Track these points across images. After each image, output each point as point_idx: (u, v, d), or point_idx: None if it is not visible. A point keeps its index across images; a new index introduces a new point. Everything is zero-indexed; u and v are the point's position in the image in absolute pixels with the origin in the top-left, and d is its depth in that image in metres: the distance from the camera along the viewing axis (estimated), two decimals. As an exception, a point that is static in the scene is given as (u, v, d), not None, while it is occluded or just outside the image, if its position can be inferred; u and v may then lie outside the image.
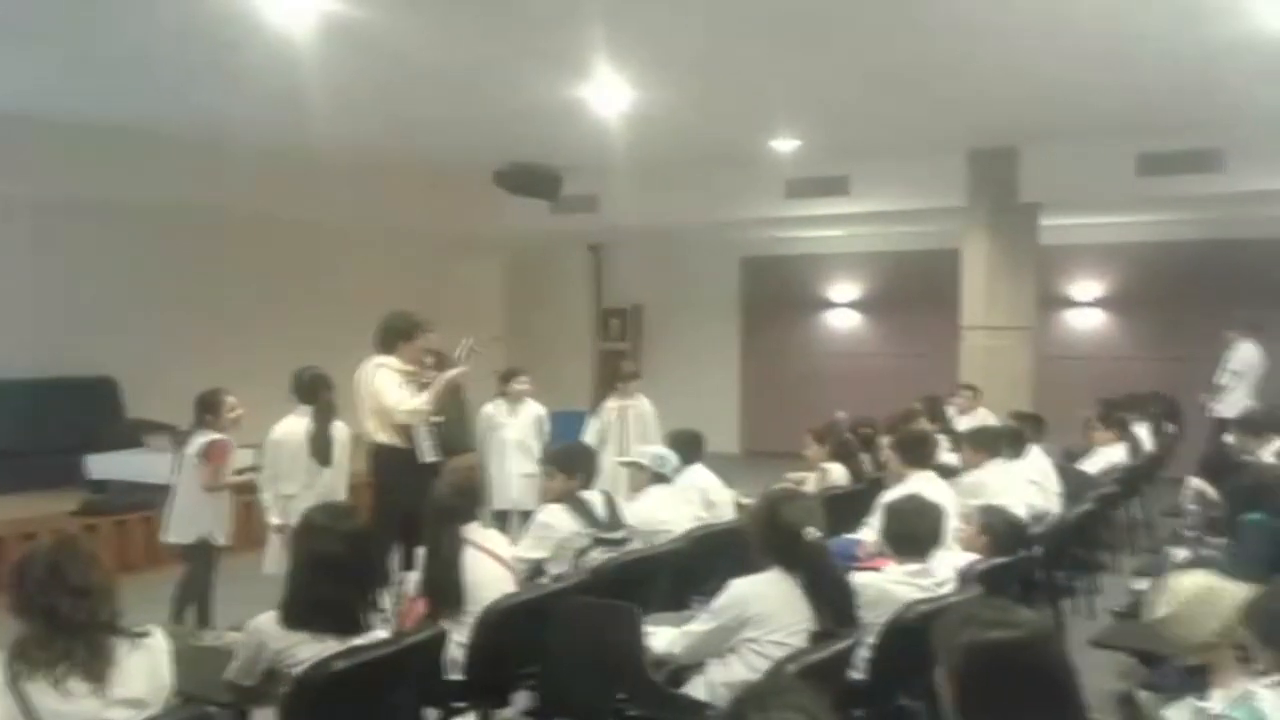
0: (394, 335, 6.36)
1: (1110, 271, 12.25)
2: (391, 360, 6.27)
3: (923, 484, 5.38)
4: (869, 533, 5.12)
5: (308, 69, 6.58)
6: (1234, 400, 9.71)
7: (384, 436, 6.13)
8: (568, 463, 5.17)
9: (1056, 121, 8.78)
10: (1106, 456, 7.95)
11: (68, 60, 6.82)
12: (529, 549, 4.75)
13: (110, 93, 7.76)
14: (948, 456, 6.86)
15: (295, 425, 5.94)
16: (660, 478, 5.58)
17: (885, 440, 6.65)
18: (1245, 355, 10.06)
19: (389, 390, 6.06)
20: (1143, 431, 8.70)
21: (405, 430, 6.10)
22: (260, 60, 6.49)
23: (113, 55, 6.71)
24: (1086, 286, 12.35)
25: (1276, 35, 5.89)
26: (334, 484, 5.92)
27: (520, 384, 8.07)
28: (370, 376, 6.15)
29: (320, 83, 6.99)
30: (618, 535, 4.89)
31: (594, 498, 5.09)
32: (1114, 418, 8.33)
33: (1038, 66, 6.90)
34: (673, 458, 5.69)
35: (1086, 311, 12.31)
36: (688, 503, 5.60)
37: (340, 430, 6.03)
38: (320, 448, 5.87)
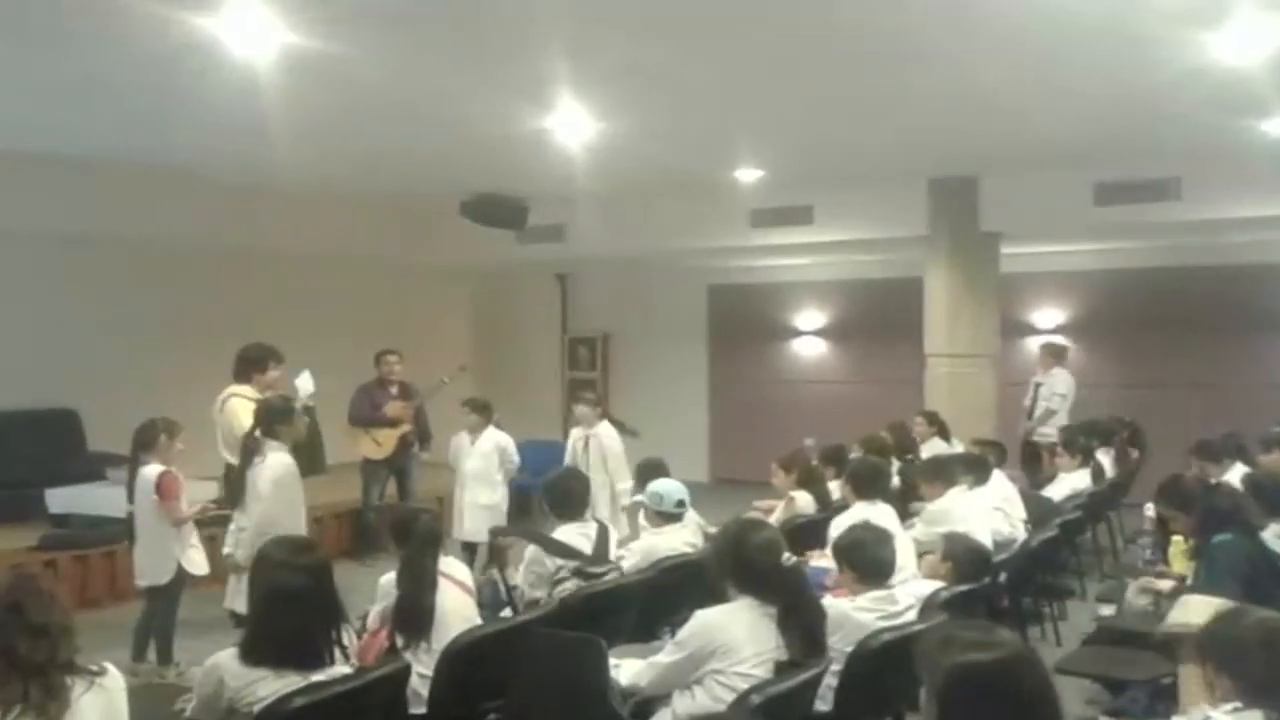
0: (248, 365, 6.81)
1: (1071, 299, 12.40)
2: (245, 389, 6.70)
3: (869, 510, 5.44)
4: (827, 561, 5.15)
5: (272, 100, 6.56)
6: (1054, 426, 9.95)
7: (231, 458, 6.41)
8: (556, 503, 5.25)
9: (1015, 152, 8.90)
10: (1070, 483, 8.02)
11: (28, 92, 6.77)
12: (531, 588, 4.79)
13: (72, 125, 7.69)
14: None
15: (285, 461, 5.89)
16: (668, 515, 5.44)
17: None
18: (1066, 381, 10.29)
19: (239, 418, 6.37)
20: (1106, 458, 8.79)
21: None
22: (224, 92, 6.47)
23: (74, 87, 6.66)
24: (1048, 314, 12.49)
25: (1228, 68, 6.01)
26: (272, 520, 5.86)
27: (466, 414, 8.08)
28: (221, 405, 6.64)
29: (284, 114, 6.98)
30: (601, 569, 4.89)
31: (586, 531, 5.11)
32: (1077, 444, 8.41)
33: (996, 98, 7.01)
34: (672, 494, 5.50)
35: (1048, 339, 12.43)
36: (693, 534, 5.55)
37: (271, 466, 5.92)
38: (234, 488, 5.83)
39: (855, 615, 3.93)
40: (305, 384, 6.92)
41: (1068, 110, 7.36)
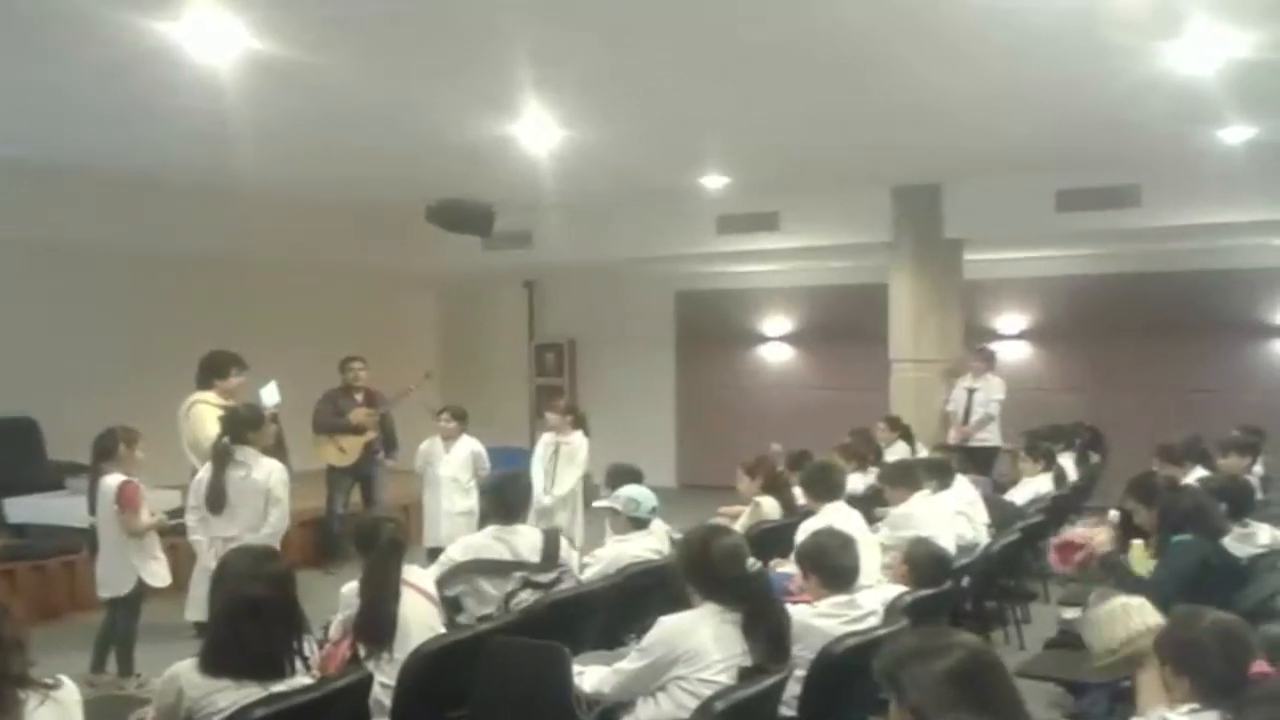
0: (209, 372, 6.94)
1: (1034, 305, 12.53)
2: (209, 395, 6.82)
3: (834, 515, 5.46)
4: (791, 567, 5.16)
5: (235, 106, 6.54)
6: (994, 430, 10.10)
7: (199, 464, 6.38)
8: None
9: (978, 159, 9.00)
10: (1033, 487, 8.09)
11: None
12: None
13: (31, 131, 7.62)
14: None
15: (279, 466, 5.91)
16: (638, 521, 5.41)
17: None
18: (1001, 386, 10.32)
19: (204, 425, 6.53)
20: (1068, 462, 8.87)
21: None
22: (186, 97, 6.43)
23: (35, 93, 6.60)
24: (1011, 320, 12.61)
25: (1184, 77, 6.11)
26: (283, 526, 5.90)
27: (443, 421, 8.06)
28: (186, 411, 6.76)
29: (248, 120, 6.95)
30: (548, 577, 4.86)
31: (529, 535, 5.06)
32: (1039, 448, 8.49)
33: (959, 106, 7.08)
34: (647, 501, 5.48)
35: (1011, 344, 12.55)
36: (659, 540, 5.53)
37: (278, 471, 5.94)
38: (213, 494, 5.80)
39: (816, 623, 3.94)
40: (270, 394, 6.94)
41: (1029, 118, 7.45)
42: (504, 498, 5.24)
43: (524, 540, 5.06)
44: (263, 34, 5.31)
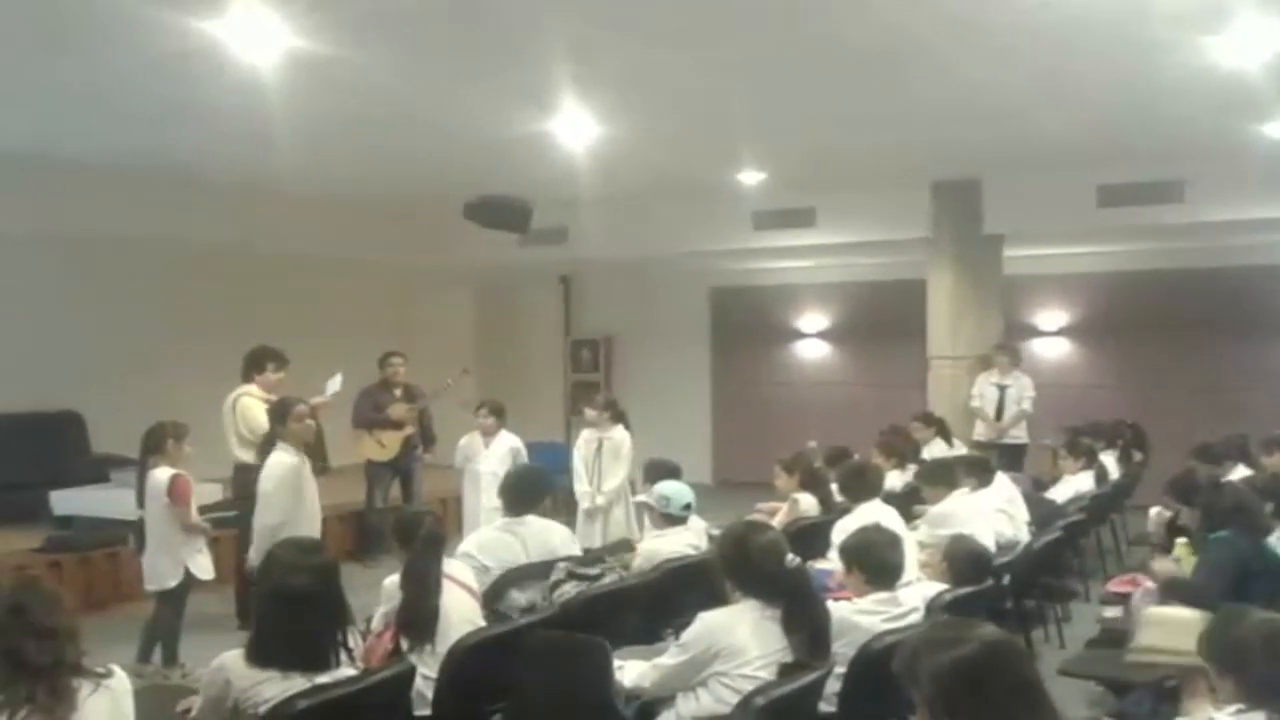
0: (250, 366, 7.07)
1: (1074, 301, 12.39)
2: (253, 389, 6.95)
3: (873, 512, 5.44)
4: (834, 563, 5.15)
5: (275, 104, 6.59)
6: (1023, 427, 10.01)
7: (247, 457, 6.57)
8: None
9: (1018, 154, 8.91)
10: (1073, 485, 8.02)
11: (31, 96, 6.79)
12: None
13: (75, 129, 7.72)
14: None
15: (285, 461, 5.89)
16: (672, 518, 5.41)
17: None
18: (1030, 382, 10.15)
19: (251, 417, 6.71)
20: (1109, 460, 8.79)
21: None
22: (228, 95, 6.49)
23: (78, 91, 6.69)
24: (1051, 316, 12.49)
25: (1228, 71, 6.02)
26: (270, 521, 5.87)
27: (481, 416, 8.09)
28: (232, 404, 6.89)
29: (288, 117, 7.00)
30: (594, 570, 4.88)
31: (538, 526, 5.09)
32: (1080, 446, 8.41)
33: (999, 101, 7.02)
34: (680, 496, 5.48)
35: (1051, 341, 12.44)
36: (696, 536, 5.53)
37: (269, 466, 5.94)
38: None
39: (857, 619, 3.93)
40: (334, 385, 7.18)
41: (1070, 113, 7.38)
42: (514, 491, 5.27)
43: (533, 532, 5.09)
44: (303, 32, 5.35)
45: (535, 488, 5.42)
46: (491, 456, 7.96)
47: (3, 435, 9.10)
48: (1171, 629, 3.35)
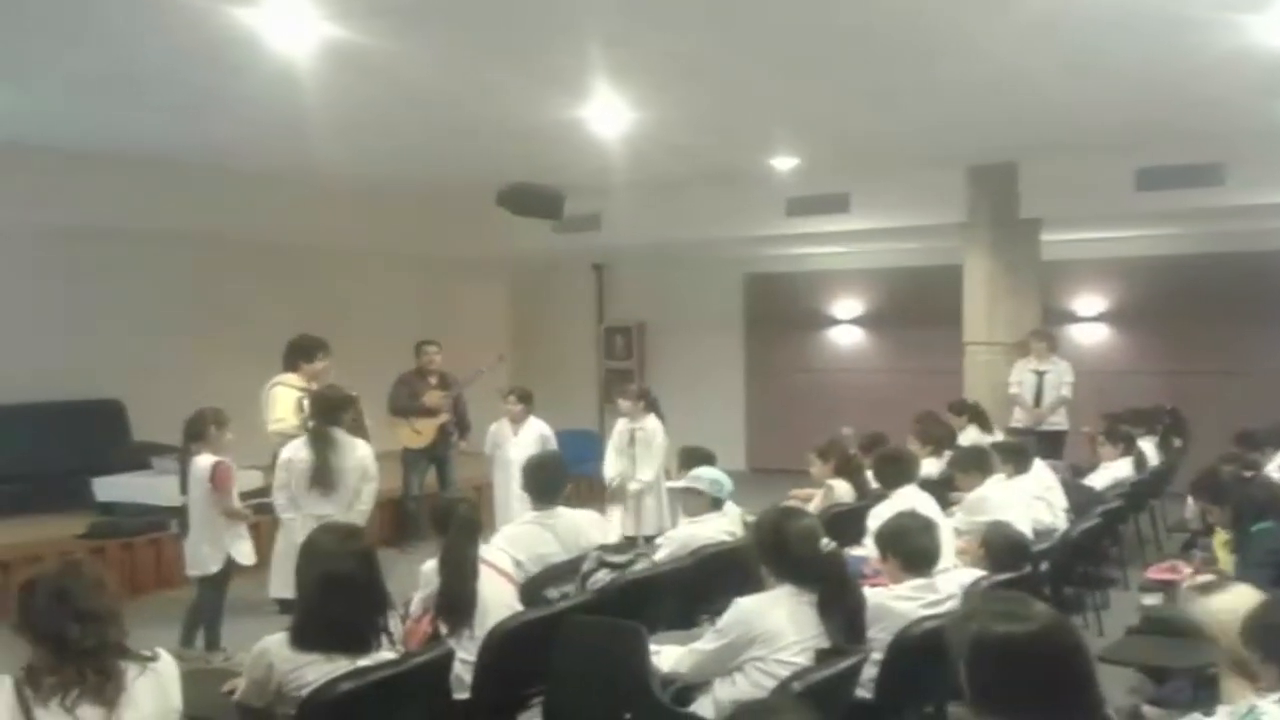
0: (295, 355, 7.08)
1: (1113, 286, 12.26)
2: (291, 378, 6.97)
3: (908, 499, 5.42)
4: (869, 550, 5.14)
5: (309, 94, 6.63)
6: (1063, 413, 9.86)
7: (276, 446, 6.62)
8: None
9: (1055, 137, 8.81)
10: (1112, 471, 7.95)
11: (67, 87, 6.85)
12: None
13: (110, 120, 7.79)
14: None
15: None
16: (719, 502, 5.46)
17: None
18: (1069, 368, 10.00)
19: (275, 406, 6.82)
20: (1148, 446, 8.70)
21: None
22: (262, 86, 6.54)
23: (112, 82, 6.75)
24: (1089, 301, 12.37)
25: (1270, 50, 5.92)
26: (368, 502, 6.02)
27: (510, 403, 8.14)
28: (268, 392, 6.94)
29: (322, 107, 7.04)
30: (624, 558, 4.90)
31: (568, 516, 5.11)
32: (1118, 432, 8.33)
33: (1035, 83, 6.94)
34: (727, 481, 5.55)
35: (1089, 326, 12.32)
36: (732, 523, 5.55)
37: (356, 451, 6.07)
38: (321, 474, 5.92)
39: (894, 605, 3.93)
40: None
41: (1108, 94, 7.28)
42: (537, 481, 5.29)
43: (565, 524, 5.12)
44: (336, 20, 5.37)
45: (556, 476, 5.43)
46: (520, 443, 8.02)
47: (46, 424, 9.25)
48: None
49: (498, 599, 4.13)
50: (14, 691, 2.56)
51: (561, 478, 5.46)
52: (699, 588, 4.78)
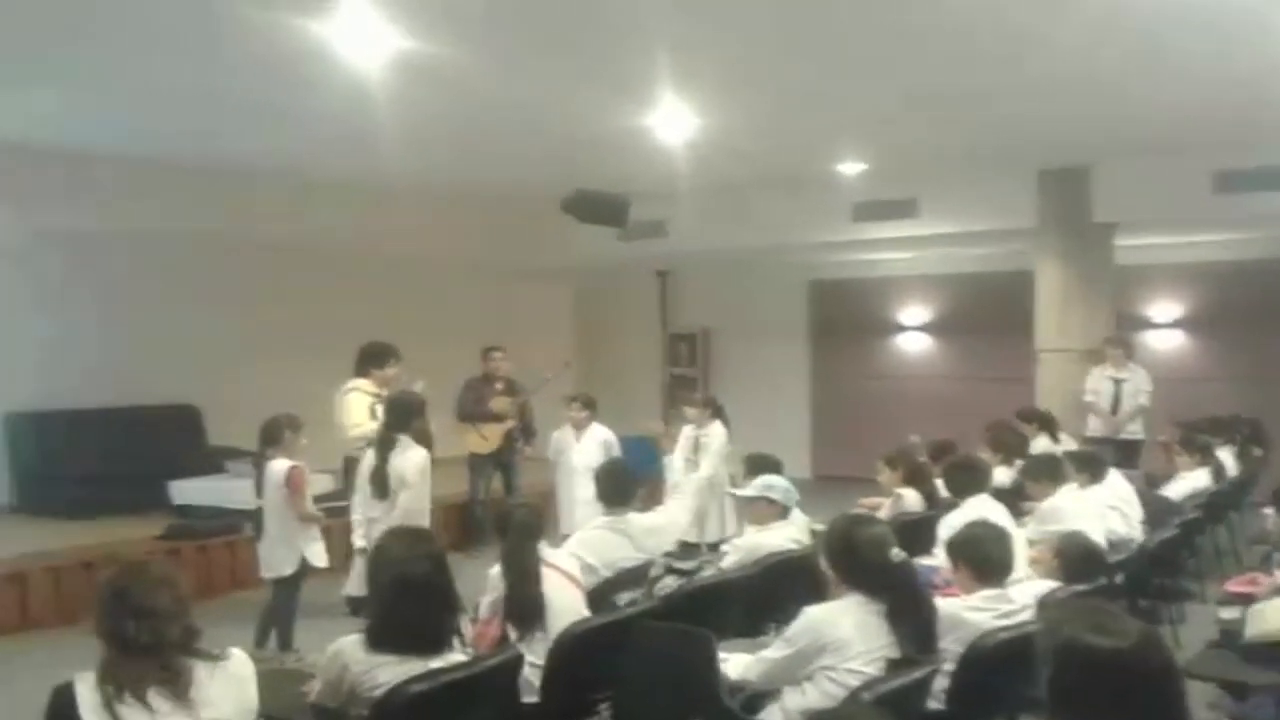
0: (366, 361, 7.12)
1: (1189, 291, 11.99)
2: (363, 384, 7.01)
3: (980, 508, 5.33)
4: (940, 559, 5.07)
5: (380, 104, 6.73)
6: (1140, 422, 9.62)
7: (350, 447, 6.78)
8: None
9: (1129, 139, 8.65)
10: (1189, 481, 7.76)
11: (144, 98, 7.02)
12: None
13: (186, 130, 7.98)
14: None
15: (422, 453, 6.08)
16: (783, 510, 5.44)
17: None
18: (1147, 376, 9.72)
19: (350, 411, 6.88)
20: (1227, 456, 8.47)
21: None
22: (334, 97, 6.65)
23: (189, 94, 6.90)
24: (1164, 308, 12.10)
25: (1359, 49, 5.76)
26: (415, 507, 6.03)
27: (574, 409, 8.17)
28: (342, 397, 6.98)
29: (392, 117, 7.15)
30: (691, 564, 4.90)
31: (640, 519, 5.11)
32: (1196, 442, 8.13)
33: (1107, 83, 6.82)
34: (794, 490, 5.53)
35: (1165, 333, 12.05)
36: (799, 531, 5.54)
37: (414, 457, 6.13)
38: (378, 478, 5.98)
39: (967, 615, 3.86)
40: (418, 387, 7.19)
41: (1183, 95, 7.13)
42: (610, 486, 5.32)
43: (637, 529, 5.13)
44: (409, 32, 5.45)
45: (627, 482, 5.46)
46: (583, 449, 8.06)
47: (124, 428, 9.49)
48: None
49: (566, 604, 4.15)
50: (97, 686, 2.62)
51: (632, 483, 5.49)
52: (766, 596, 4.75)
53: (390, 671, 3.08)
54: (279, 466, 5.97)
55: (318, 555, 6.09)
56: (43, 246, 9.28)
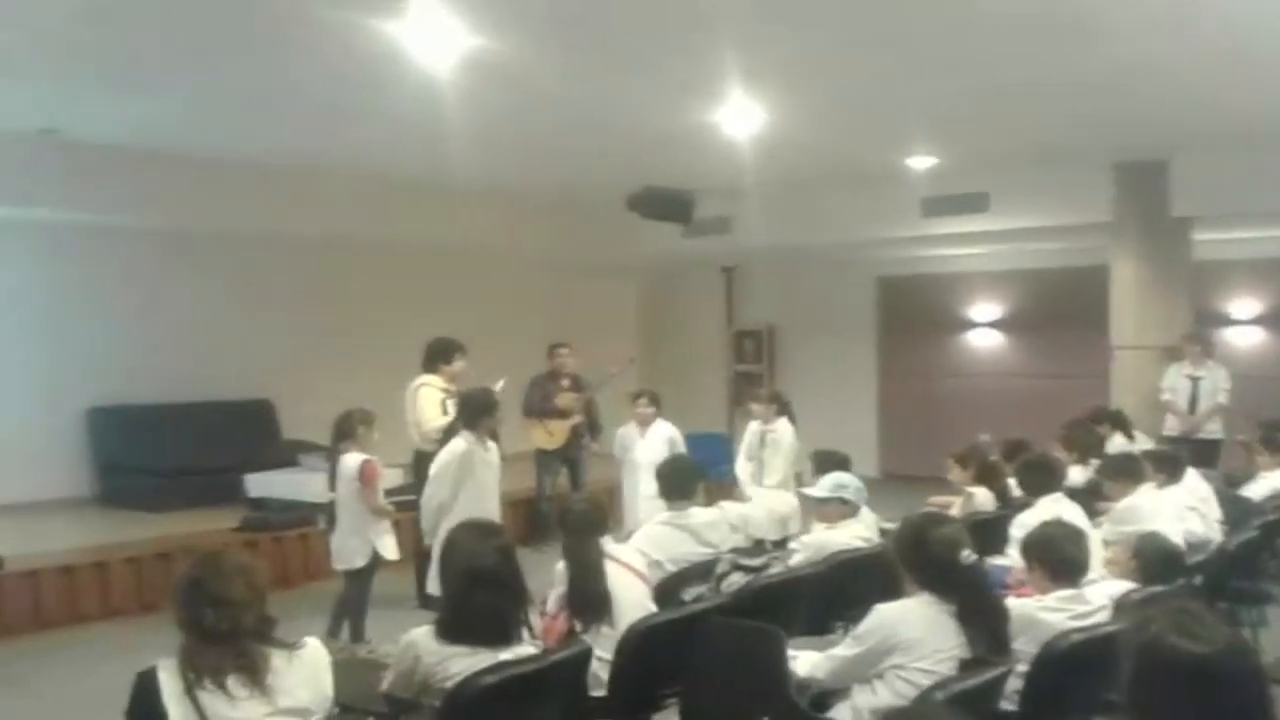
0: (434, 357, 7.23)
1: (1269, 287, 11.66)
2: (433, 379, 7.13)
3: (1054, 507, 5.24)
4: (1013, 559, 4.99)
5: (449, 104, 6.80)
6: (1219, 421, 9.37)
7: (421, 444, 6.91)
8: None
9: (1207, 130, 8.43)
10: (1270, 482, 7.54)
11: (224, 99, 7.18)
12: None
13: (266, 130, 8.14)
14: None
15: (457, 447, 6.13)
16: (853, 508, 5.43)
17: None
18: (1226, 374, 9.43)
19: (426, 406, 6.99)
20: (1311, 455, 8.21)
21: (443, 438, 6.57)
22: (405, 97, 6.73)
23: (267, 95, 7.04)
24: (1244, 303, 11.78)
25: None
26: (429, 504, 6.11)
27: (640, 406, 8.17)
28: (413, 393, 7.10)
29: (461, 117, 7.22)
30: (758, 561, 4.89)
31: (702, 515, 5.09)
32: (1276, 440, 7.89)
33: (1185, 74, 6.65)
34: (864, 488, 5.52)
35: (1245, 330, 11.74)
36: (867, 529, 5.49)
37: (440, 453, 6.19)
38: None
39: (1041, 616, 3.80)
40: (498, 386, 7.31)
41: (1263, 83, 6.93)
42: (671, 483, 5.33)
43: (700, 524, 5.14)
44: (479, 31, 5.50)
45: (690, 478, 5.46)
46: (648, 446, 8.04)
47: (202, 422, 9.73)
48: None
49: (632, 598, 4.17)
50: (179, 673, 2.69)
51: (695, 479, 5.49)
52: (833, 593, 4.73)
53: (462, 663, 3.11)
54: (352, 460, 6.06)
55: (389, 548, 6.17)
56: (129, 244, 9.54)
